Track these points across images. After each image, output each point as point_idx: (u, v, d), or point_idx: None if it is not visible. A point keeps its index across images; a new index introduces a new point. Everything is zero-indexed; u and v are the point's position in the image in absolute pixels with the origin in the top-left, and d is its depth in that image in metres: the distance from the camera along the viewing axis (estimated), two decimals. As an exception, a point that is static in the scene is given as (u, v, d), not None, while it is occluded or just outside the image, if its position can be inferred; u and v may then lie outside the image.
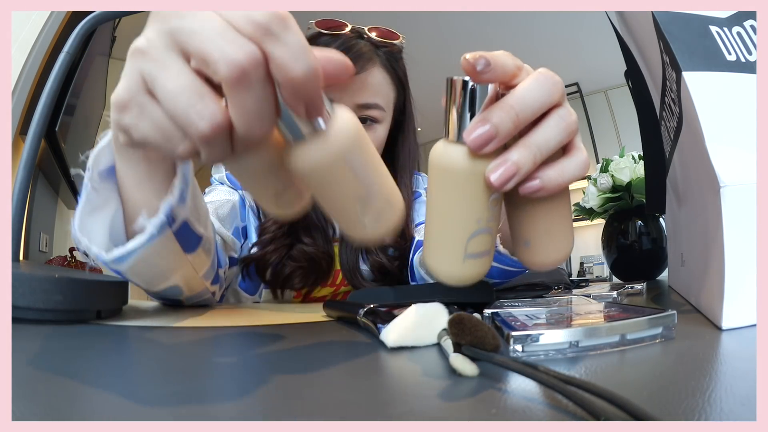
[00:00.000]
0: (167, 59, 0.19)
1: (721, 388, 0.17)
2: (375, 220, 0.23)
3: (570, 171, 0.24)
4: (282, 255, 0.58)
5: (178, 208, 0.30)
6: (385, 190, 0.24)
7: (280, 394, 0.18)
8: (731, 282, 0.27)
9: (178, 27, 0.19)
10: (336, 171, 0.22)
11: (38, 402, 0.16)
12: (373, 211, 0.23)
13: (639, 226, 0.88)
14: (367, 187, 0.23)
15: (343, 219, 0.24)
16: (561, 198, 0.26)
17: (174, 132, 0.19)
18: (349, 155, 0.21)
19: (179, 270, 0.36)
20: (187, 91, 0.18)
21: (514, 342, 0.22)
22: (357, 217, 0.23)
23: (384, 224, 0.24)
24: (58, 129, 1.44)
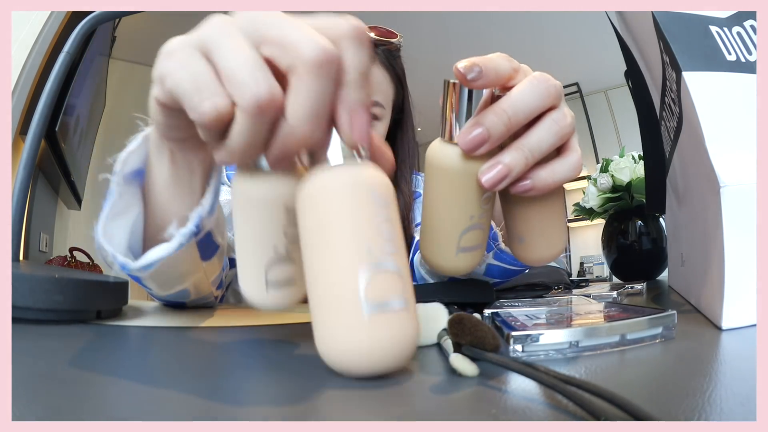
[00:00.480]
0: (235, 34, 0.19)
1: (721, 388, 0.17)
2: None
3: (561, 172, 0.25)
4: None
5: (207, 219, 0.29)
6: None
7: (280, 394, 0.18)
8: (731, 282, 0.27)
9: (254, 17, 0.19)
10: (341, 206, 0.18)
11: (38, 402, 0.16)
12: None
13: (639, 226, 0.88)
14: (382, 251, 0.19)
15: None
16: (554, 197, 0.27)
17: (208, 86, 0.19)
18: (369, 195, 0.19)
19: (193, 275, 0.36)
20: (251, 60, 0.18)
21: (514, 342, 0.22)
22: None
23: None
24: (58, 129, 1.44)
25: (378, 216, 0.19)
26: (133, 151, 0.30)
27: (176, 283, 0.36)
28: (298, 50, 0.18)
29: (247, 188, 0.21)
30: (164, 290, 0.37)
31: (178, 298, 0.40)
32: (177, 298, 0.40)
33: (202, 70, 0.19)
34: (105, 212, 0.29)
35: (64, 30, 1.27)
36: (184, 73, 0.19)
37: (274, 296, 0.23)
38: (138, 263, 0.29)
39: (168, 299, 0.42)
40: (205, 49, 0.19)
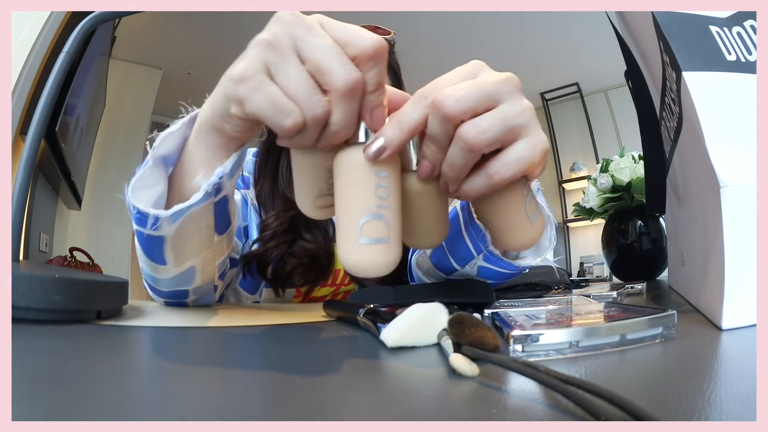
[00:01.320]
0: (291, 56, 0.25)
1: (721, 388, 0.17)
2: (368, 241, 0.27)
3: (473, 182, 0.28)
4: (283, 251, 0.59)
5: (227, 180, 0.34)
6: (394, 222, 0.27)
7: (280, 394, 0.18)
8: (731, 282, 0.27)
9: (301, 37, 0.25)
10: (365, 173, 0.26)
11: (38, 402, 0.16)
12: (372, 231, 0.26)
13: (639, 226, 0.88)
14: (379, 206, 0.27)
15: (344, 225, 0.27)
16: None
17: (286, 108, 0.25)
18: (382, 169, 0.27)
19: (204, 251, 0.38)
20: (307, 82, 0.25)
21: (514, 342, 0.23)
22: (356, 228, 0.26)
23: (371, 251, 0.27)
24: (58, 129, 1.44)
25: (377, 182, 0.27)
26: (172, 133, 0.34)
27: (189, 255, 0.38)
28: (332, 80, 0.24)
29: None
30: (177, 264, 0.38)
31: (183, 283, 0.41)
32: (181, 283, 0.41)
33: (276, 93, 0.25)
34: (135, 178, 0.33)
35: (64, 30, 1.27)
36: (261, 99, 0.25)
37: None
38: (170, 211, 0.33)
39: (171, 290, 0.42)
40: (272, 71, 0.25)
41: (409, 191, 0.30)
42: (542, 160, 0.28)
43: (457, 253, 0.42)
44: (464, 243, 0.41)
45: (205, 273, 0.41)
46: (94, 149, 2.29)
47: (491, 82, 0.27)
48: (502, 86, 0.27)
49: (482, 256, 0.40)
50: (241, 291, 0.62)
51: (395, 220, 0.28)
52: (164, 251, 0.36)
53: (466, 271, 0.43)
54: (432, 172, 0.29)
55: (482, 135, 0.26)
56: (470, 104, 0.26)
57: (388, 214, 0.27)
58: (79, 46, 0.38)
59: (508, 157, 0.27)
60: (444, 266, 0.45)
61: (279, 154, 0.63)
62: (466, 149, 0.26)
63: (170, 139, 0.34)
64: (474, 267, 0.42)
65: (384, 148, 0.26)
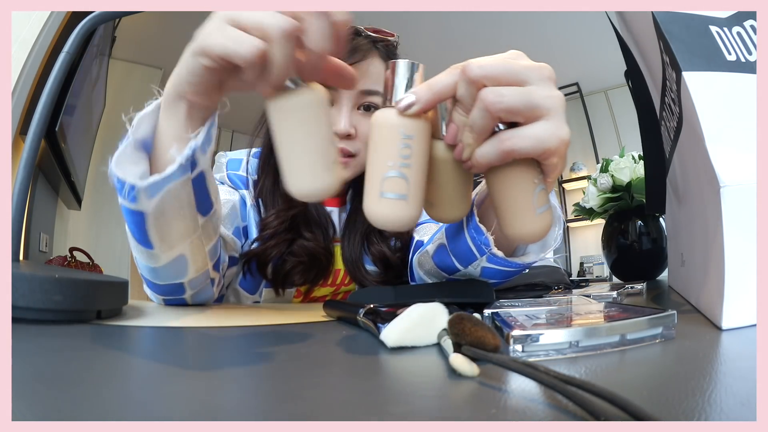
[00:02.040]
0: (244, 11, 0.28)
1: (721, 388, 0.17)
2: (388, 195, 0.30)
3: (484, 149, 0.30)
4: (282, 250, 0.59)
5: (200, 154, 0.35)
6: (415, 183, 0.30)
7: (281, 394, 0.18)
8: (731, 282, 0.27)
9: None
10: (391, 132, 0.30)
11: (38, 402, 0.16)
12: (392, 187, 0.30)
13: (639, 226, 0.88)
14: (401, 165, 0.30)
15: (369, 178, 0.31)
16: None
17: (245, 38, 0.27)
18: (409, 131, 0.30)
19: (191, 235, 0.39)
20: (263, 14, 0.28)
21: (514, 342, 0.22)
22: (379, 181, 0.30)
23: (390, 205, 0.30)
24: (58, 129, 1.43)
25: (401, 143, 0.29)
26: (147, 114, 0.35)
27: (176, 240, 0.38)
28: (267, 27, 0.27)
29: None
30: (164, 249, 0.38)
31: (177, 274, 0.41)
32: (175, 275, 0.41)
33: (237, 32, 0.28)
34: (118, 152, 0.34)
35: (64, 30, 1.27)
36: (227, 39, 0.28)
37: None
38: (147, 181, 0.33)
39: (167, 284, 0.42)
40: (233, 21, 0.28)
41: (435, 158, 0.33)
42: (559, 150, 0.29)
43: (460, 253, 0.42)
44: (466, 244, 0.41)
45: (197, 261, 0.41)
46: (94, 149, 2.28)
47: (522, 64, 0.29)
48: (533, 71, 0.29)
49: (485, 257, 0.40)
50: (241, 291, 0.62)
51: (416, 181, 0.30)
52: (148, 231, 0.36)
53: (469, 271, 0.43)
54: (456, 135, 0.31)
55: (500, 99, 0.28)
56: (493, 72, 0.28)
57: (409, 174, 0.30)
58: (79, 46, 0.38)
59: (523, 131, 0.29)
60: (447, 266, 0.45)
61: None
62: (484, 109, 0.28)
63: (146, 121, 0.35)
64: (477, 267, 0.42)
65: (413, 103, 0.29)
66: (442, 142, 0.33)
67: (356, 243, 0.64)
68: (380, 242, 0.65)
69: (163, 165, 0.35)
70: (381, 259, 0.64)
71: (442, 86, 0.30)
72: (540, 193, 0.31)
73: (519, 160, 0.30)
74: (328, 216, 0.64)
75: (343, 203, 0.67)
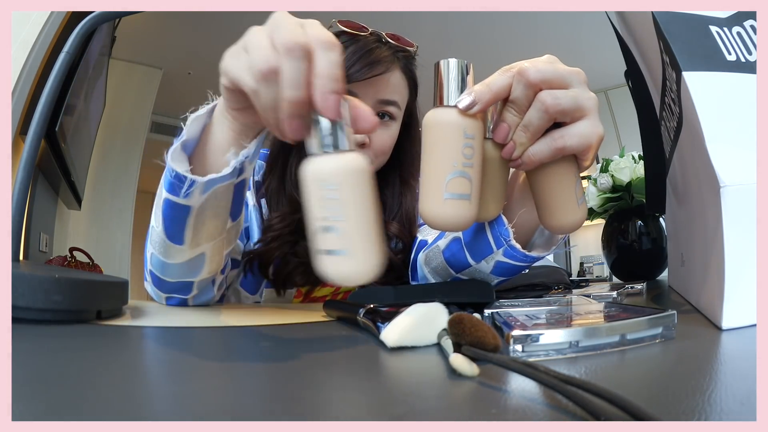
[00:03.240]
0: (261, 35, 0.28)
1: (721, 388, 0.17)
2: (452, 196, 0.30)
3: (542, 147, 0.32)
4: (285, 251, 0.59)
5: (247, 163, 0.37)
6: (477, 182, 0.31)
7: (281, 394, 0.18)
8: (731, 282, 0.27)
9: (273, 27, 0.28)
10: (454, 131, 0.30)
11: (38, 402, 0.16)
12: (456, 187, 0.30)
13: (639, 226, 0.88)
14: (464, 164, 0.30)
15: (430, 180, 0.31)
16: (556, 171, 0.34)
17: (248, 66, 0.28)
18: (470, 130, 0.30)
19: (217, 236, 0.41)
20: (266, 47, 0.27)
21: (514, 342, 0.22)
22: (442, 183, 0.30)
23: (455, 206, 0.30)
24: (58, 129, 1.43)
25: (464, 143, 0.30)
26: (199, 116, 0.37)
27: (204, 239, 0.40)
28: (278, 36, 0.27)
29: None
30: (192, 245, 0.40)
31: (191, 272, 0.42)
32: (189, 272, 0.42)
33: (243, 61, 0.28)
34: (172, 148, 0.36)
35: (64, 30, 1.27)
36: (236, 66, 0.29)
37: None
38: (206, 177, 0.35)
39: (177, 281, 0.43)
40: (245, 48, 0.29)
41: (484, 157, 0.33)
42: (597, 147, 0.33)
43: (477, 247, 0.43)
44: (485, 237, 0.42)
45: (212, 263, 0.43)
46: (94, 149, 2.28)
47: (565, 68, 0.32)
48: (573, 75, 0.32)
49: (502, 250, 0.41)
50: (241, 291, 0.62)
51: (477, 180, 0.31)
52: (186, 226, 0.38)
53: (480, 266, 0.43)
54: (507, 134, 0.32)
55: (557, 101, 0.30)
56: (548, 76, 0.31)
57: (471, 173, 0.30)
58: (79, 46, 0.38)
59: (572, 129, 0.32)
60: (458, 261, 0.45)
61: (289, 153, 0.64)
62: (543, 110, 0.31)
63: (196, 123, 0.37)
64: (491, 262, 0.42)
65: (474, 103, 0.30)
66: (489, 142, 0.33)
67: None
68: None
69: (207, 166, 0.37)
70: None
71: (500, 87, 0.31)
72: (579, 186, 0.34)
73: (564, 156, 0.32)
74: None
75: None
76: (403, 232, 0.65)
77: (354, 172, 0.26)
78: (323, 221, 0.25)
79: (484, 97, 0.30)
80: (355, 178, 0.26)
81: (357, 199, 0.26)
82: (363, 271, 0.26)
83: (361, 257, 0.26)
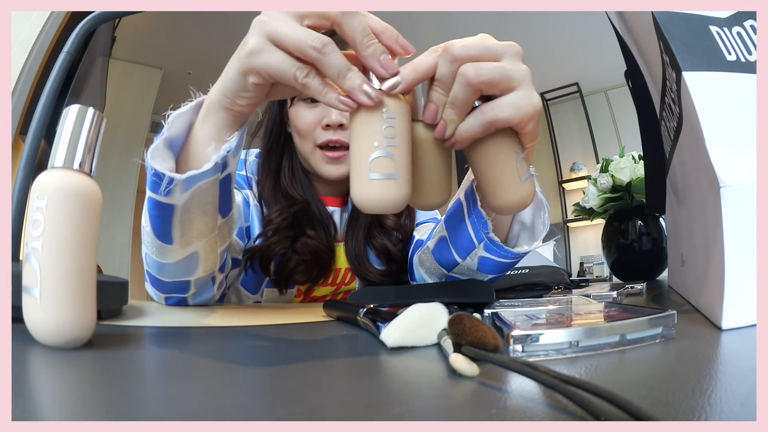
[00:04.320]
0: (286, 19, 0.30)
1: (721, 388, 0.17)
2: (377, 176, 0.30)
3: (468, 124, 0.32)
4: (286, 246, 0.59)
5: (231, 157, 0.37)
6: (402, 161, 0.30)
7: (281, 394, 0.18)
8: (731, 282, 0.27)
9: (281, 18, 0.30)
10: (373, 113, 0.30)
11: (38, 402, 0.16)
12: (380, 167, 0.29)
13: (639, 226, 0.88)
14: (387, 144, 0.30)
15: (355, 162, 0.30)
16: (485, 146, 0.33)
17: (293, 63, 0.29)
18: (390, 111, 0.30)
19: (208, 234, 0.40)
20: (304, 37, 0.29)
21: (514, 342, 0.22)
22: (366, 163, 0.30)
23: (380, 186, 0.29)
24: (58, 129, 1.43)
25: (385, 124, 0.29)
26: (181, 114, 0.36)
27: (194, 237, 0.39)
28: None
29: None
30: (182, 245, 0.39)
31: (186, 272, 0.42)
32: (184, 272, 0.42)
33: (282, 55, 0.30)
34: (153, 146, 0.35)
35: (64, 30, 1.27)
36: (275, 62, 0.30)
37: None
38: (185, 175, 0.35)
39: (174, 281, 0.43)
40: (275, 41, 0.30)
41: (416, 139, 0.33)
42: (534, 116, 0.32)
43: (460, 242, 0.43)
44: (466, 231, 0.42)
45: (207, 261, 0.42)
46: (94, 149, 2.28)
47: (495, 42, 0.32)
48: (505, 48, 0.31)
49: (483, 245, 0.41)
50: (242, 290, 0.62)
51: (403, 159, 0.30)
52: (173, 225, 0.38)
53: (467, 263, 0.44)
54: (436, 114, 0.32)
55: (480, 72, 0.30)
56: (474, 51, 0.30)
57: (395, 153, 0.29)
58: (79, 46, 0.38)
59: (501, 101, 0.31)
60: (446, 259, 0.46)
61: (281, 154, 0.64)
62: (465, 83, 0.30)
63: (179, 121, 0.36)
64: (475, 258, 0.43)
65: (398, 83, 0.30)
66: (421, 124, 0.33)
67: (359, 239, 0.65)
68: (382, 235, 0.65)
69: (192, 163, 0.36)
70: (384, 251, 0.65)
71: (425, 66, 0.31)
72: (521, 162, 0.33)
73: (499, 131, 0.32)
74: (329, 215, 0.64)
75: (345, 203, 0.67)
76: (399, 224, 0.66)
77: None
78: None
79: (408, 76, 0.30)
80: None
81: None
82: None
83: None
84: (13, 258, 0.33)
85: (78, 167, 0.25)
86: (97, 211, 0.25)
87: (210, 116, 0.36)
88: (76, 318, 0.24)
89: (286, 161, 0.63)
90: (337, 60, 0.29)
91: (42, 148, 0.39)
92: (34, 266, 0.23)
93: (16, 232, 0.33)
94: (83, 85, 1.63)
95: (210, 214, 0.39)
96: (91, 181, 0.25)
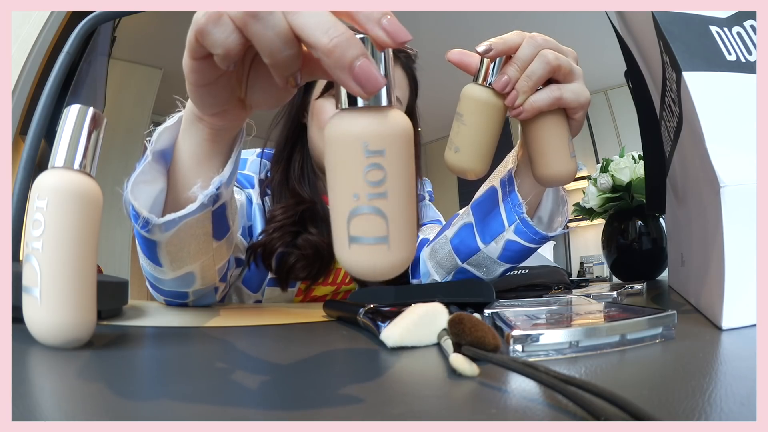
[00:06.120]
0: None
1: (721, 388, 0.17)
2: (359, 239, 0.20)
3: (540, 98, 0.36)
4: (287, 241, 0.59)
5: (225, 188, 0.34)
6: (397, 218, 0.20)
7: (281, 394, 0.18)
8: (731, 282, 0.27)
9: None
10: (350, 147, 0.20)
11: (38, 402, 0.16)
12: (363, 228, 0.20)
13: (639, 226, 0.88)
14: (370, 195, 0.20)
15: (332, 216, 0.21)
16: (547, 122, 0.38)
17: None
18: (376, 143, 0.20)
19: (203, 257, 0.38)
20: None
21: (514, 342, 0.22)
22: (344, 221, 0.21)
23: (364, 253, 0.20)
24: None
25: (366, 165, 0.19)
26: (168, 127, 0.34)
27: (186, 261, 0.37)
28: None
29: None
30: (174, 268, 0.38)
31: (183, 285, 0.41)
32: (181, 285, 0.41)
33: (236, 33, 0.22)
34: (135, 174, 0.33)
35: (64, 30, 1.27)
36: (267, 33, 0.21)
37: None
38: (164, 219, 0.32)
39: (172, 290, 0.42)
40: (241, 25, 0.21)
41: (481, 101, 0.36)
42: (585, 107, 0.38)
43: (488, 226, 0.44)
44: (498, 215, 0.44)
45: (205, 278, 0.41)
46: (94, 149, 2.28)
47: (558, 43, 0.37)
48: (569, 50, 0.37)
49: (514, 226, 0.43)
50: (243, 289, 0.62)
51: (399, 215, 0.20)
52: (159, 255, 0.36)
53: (488, 250, 0.45)
54: (506, 85, 0.36)
55: (558, 57, 0.36)
56: (551, 44, 0.36)
57: (386, 207, 0.20)
58: (79, 46, 0.38)
59: (568, 85, 0.37)
60: (466, 247, 0.47)
61: (293, 146, 0.64)
62: (546, 62, 0.35)
63: (167, 134, 0.34)
64: (500, 242, 0.44)
65: (490, 49, 0.35)
66: (490, 90, 0.37)
67: None
68: None
69: (180, 189, 0.33)
70: None
71: (513, 42, 0.36)
72: (571, 143, 0.38)
73: (557, 111, 0.37)
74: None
75: None
76: None
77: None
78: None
79: (499, 46, 0.35)
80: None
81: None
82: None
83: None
84: (13, 258, 0.33)
85: (78, 167, 0.24)
86: (98, 211, 0.25)
87: (188, 127, 0.32)
88: (76, 318, 0.24)
89: (298, 154, 0.64)
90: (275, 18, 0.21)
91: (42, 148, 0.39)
92: (34, 266, 0.23)
93: (16, 232, 0.33)
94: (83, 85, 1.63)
95: (203, 241, 0.36)
96: (92, 181, 0.25)
